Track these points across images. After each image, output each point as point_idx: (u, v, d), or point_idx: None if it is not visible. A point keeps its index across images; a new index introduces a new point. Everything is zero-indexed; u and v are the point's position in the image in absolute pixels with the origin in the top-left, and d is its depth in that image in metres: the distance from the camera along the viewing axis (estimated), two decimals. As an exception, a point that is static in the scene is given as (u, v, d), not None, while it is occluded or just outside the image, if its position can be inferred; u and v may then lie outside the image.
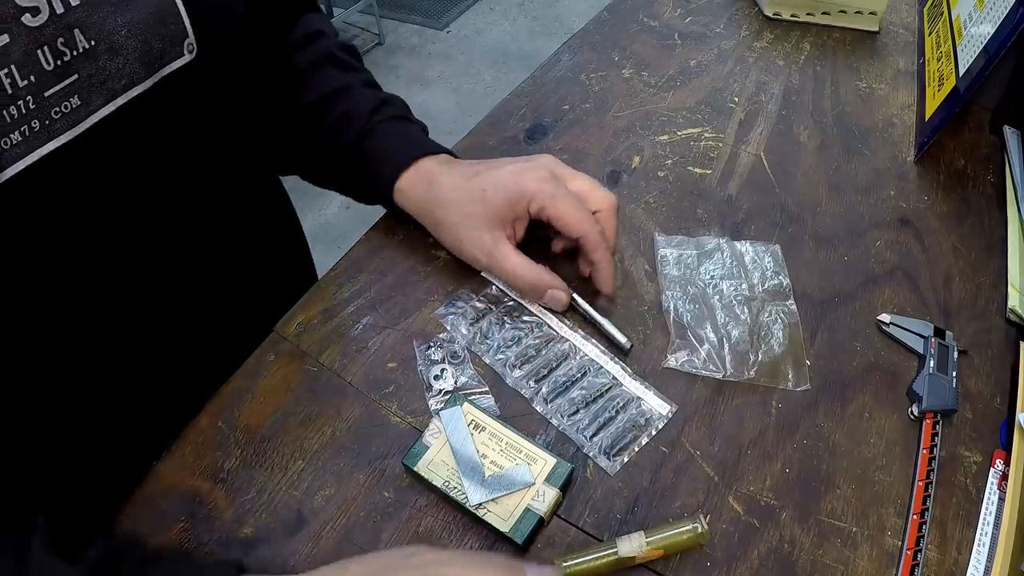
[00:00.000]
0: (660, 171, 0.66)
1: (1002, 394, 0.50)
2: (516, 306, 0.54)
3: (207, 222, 0.53)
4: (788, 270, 0.57)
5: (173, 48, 0.42)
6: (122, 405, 0.54)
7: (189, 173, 0.49)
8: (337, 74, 0.59)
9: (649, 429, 0.48)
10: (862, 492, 0.45)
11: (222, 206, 0.55)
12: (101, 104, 0.39)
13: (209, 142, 0.50)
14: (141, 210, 0.46)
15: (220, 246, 0.56)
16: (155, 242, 0.49)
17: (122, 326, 0.50)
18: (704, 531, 0.41)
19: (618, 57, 0.80)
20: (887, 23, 0.86)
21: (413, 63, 3.04)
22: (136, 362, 0.53)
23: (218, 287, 0.56)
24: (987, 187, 0.66)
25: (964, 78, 0.64)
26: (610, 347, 0.52)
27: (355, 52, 0.64)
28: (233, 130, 0.53)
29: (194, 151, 0.49)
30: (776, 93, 0.76)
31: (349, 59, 0.61)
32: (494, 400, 0.49)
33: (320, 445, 0.47)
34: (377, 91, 0.59)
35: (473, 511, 0.42)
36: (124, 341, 0.51)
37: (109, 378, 0.52)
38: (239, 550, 0.42)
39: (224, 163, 0.53)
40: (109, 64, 0.39)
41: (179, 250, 0.51)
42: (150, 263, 0.49)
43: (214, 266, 0.56)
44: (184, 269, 0.52)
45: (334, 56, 0.60)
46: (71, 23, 0.37)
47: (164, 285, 0.51)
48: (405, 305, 0.54)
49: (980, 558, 0.42)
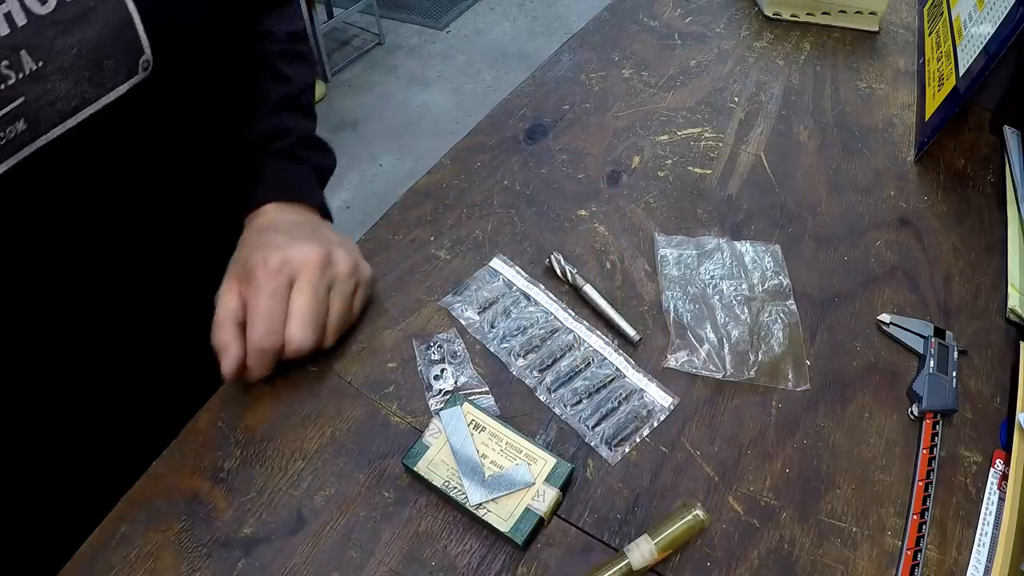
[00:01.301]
0: (660, 171, 0.66)
1: (1002, 394, 0.50)
2: (522, 296, 0.54)
3: (173, 230, 0.53)
4: (788, 270, 0.57)
5: (128, 66, 0.41)
6: (122, 406, 0.54)
7: (148, 187, 0.48)
8: (264, 83, 0.57)
9: (651, 421, 0.48)
10: (862, 492, 0.45)
11: (187, 213, 0.54)
12: (49, 127, 0.38)
13: (167, 156, 0.49)
14: (107, 220, 0.46)
15: (186, 253, 0.55)
16: (121, 252, 0.48)
17: (111, 329, 0.50)
18: (704, 517, 0.41)
19: (618, 57, 0.80)
20: (887, 23, 0.86)
21: (413, 63, 3.04)
22: (136, 363, 0.53)
23: (196, 292, 0.56)
24: (987, 187, 0.66)
25: (964, 78, 0.64)
26: (617, 339, 0.52)
27: (301, 57, 0.62)
28: (191, 144, 0.52)
29: (153, 165, 0.48)
30: (776, 93, 0.75)
31: (285, 67, 0.59)
32: (494, 400, 0.49)
33: (320, 445, 0.47)
34: (285, 114, 0.57)
35: (473, 511, 0.42)
36: (119, 344, 0.51)
37: (109, 379, 0.52)
38: (239, 550, 0.42)
39: (184, 174, 0.52)
40: (59, 85, 0.37)
41: (146, 259, 0.51)
42: (121, 273, 0.49)
43: (186, 273, 0.55)
44: (156, 278, 0.52)
45: (269, 61, 0.58)
46: (17, 44, 0.35)
47: (137, 292, 0.51)
48: (405, 305, 0.54)
49: (980, 558, 0.42)
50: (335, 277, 0.48)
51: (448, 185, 0.64)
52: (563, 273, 0.55)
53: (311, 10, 2.64)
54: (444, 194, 0.63)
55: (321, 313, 0.47)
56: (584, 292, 0.54)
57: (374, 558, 0.42)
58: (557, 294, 0.55)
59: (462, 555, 0.42)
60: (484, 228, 0.60)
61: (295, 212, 0.53)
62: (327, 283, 0.47)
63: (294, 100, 0.58)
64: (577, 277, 0.55)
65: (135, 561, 0.41)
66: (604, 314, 0.53)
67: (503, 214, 0.61)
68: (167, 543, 0.42)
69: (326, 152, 0.60)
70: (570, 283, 0.55)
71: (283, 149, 0.56)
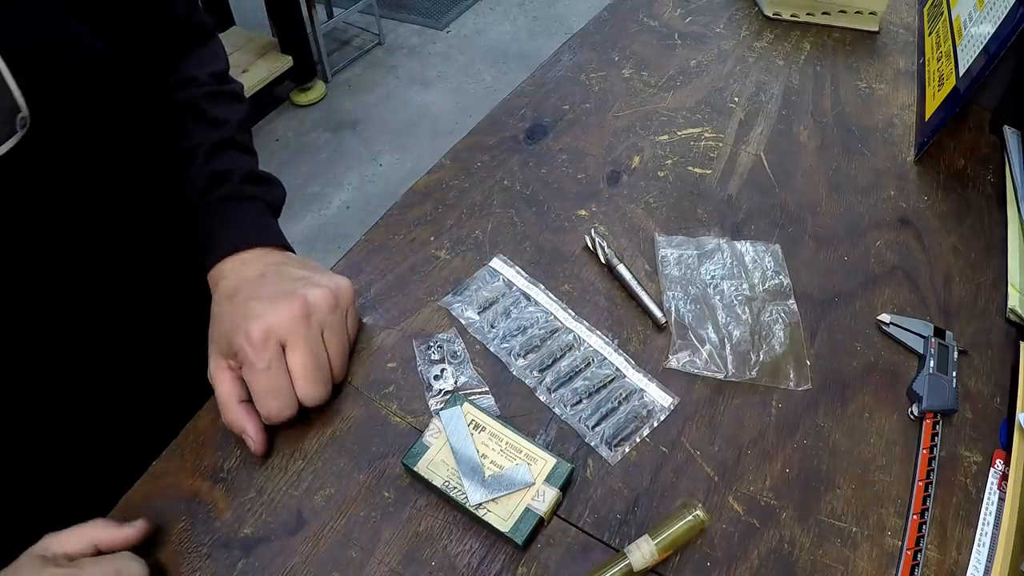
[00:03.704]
0: (660, 171, 0.66)
1: (1002, 394, 0.50)
2: (522, 296, 0.54)
3: (123, 251, 0.52)
4: (788, 270, 0.57)
5: (3, 126, 0.39)
6: (122, 406, 0.54)
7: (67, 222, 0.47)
8: (194, 133, 0.55)
9: (651, 421, 0.48)
10: (862, 492, 0.45)
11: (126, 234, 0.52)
12: None
13: (68, 204, 0.47)
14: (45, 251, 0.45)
15: (158, 262, 0.54)
16: (90, 266, 0.48)
17: (110, 332, 0.50)
18: (705, 518, 0.41)
19: (618, 57, 0.80)
20: (887, 23, 0.86)
21: (413, 63, 3.04)
22: (136, 364, 0.53)
23: (195, 296, 0.56)
24: (987, 187, 0.66)
25: (964, 78, 0.64)
26: (618, 338, 0.52)
27: (230, 96, 0.60)
28: (92, 191, 0.49)
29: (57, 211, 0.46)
30: (776, 93, 0.75)
31: (214, 111, 0.57)
32: (494, 400, 0.49)
33: (320, 445, 0.47)
34: (222, 158, 0.55)
35: (473, 511, 0.42)
36: (119, 346, 0.51)
37: (109, 381, 0.52)
38: (239, 550, 0.42)
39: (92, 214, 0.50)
40: None
41: (121, 271, 0.50)
42: (104, 280, 0.49)
43: (175, 280, 0.55)
44: (142, 285, 0.52)
45: (197, 107, 0.56)
46: None
47: (131, 298, 0.51)
48: (405, 305, 0.54)
49: (980, 558, 0.42)
50: (321, 320, 0.46)
51: (448, 185, 0.64)
52: (594, 247, 0.57)
53: (311, 10, 2.64)
54: (444, 194, 0.63)
55: (323, 361, 0.46)
56: (618, 272, 0.55)
57: (374, 558, 0.42)
58: (557, 294, 0.55)
59: (462, 555, 0.42)
60: (484, 228, 0.60)
61: (256, 261, 0.51)
62: (317, 330, 0.46)
63: (229, 143, 0.56)
64: (612, 256, 0.56)
65: (135, 561, 0.41)
66: (635, 295, 0.54)
67: (503, 214, 0.61)
68: (167, 543, 0.42)
69: (273, 184, 0.58)
70: (603, 262, 0.56)
71: (228, 194, 0.54)
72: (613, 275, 0.56)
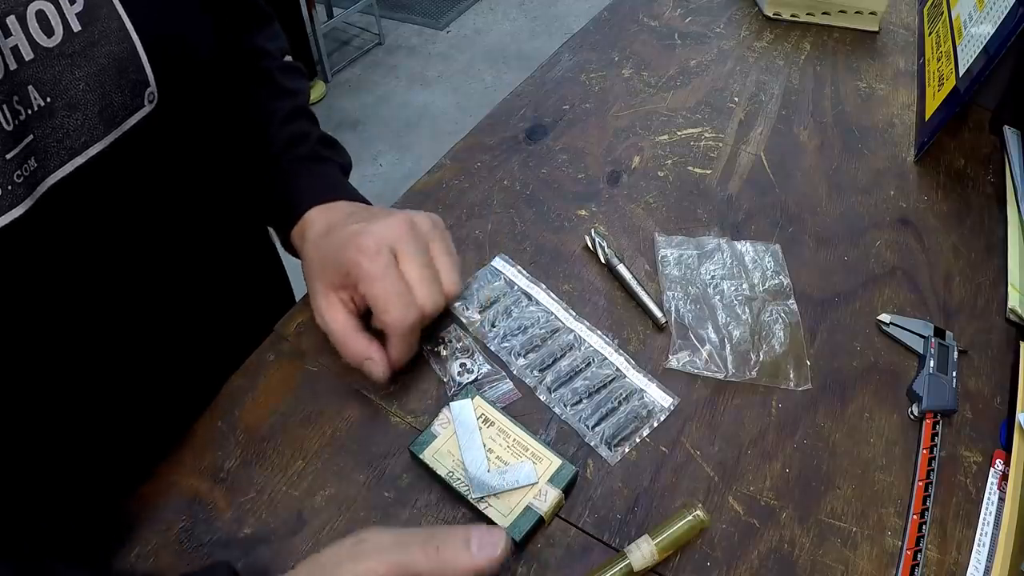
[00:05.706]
0: (660, 171, 0.66)
1: (1002, 394, 0.50)
2: (523, 296, 0.54)
3: (183, 255, 0.52)
4: (788, 270, 0.57)
5: (134, 100, 0.40)
6: (123, 407, 0.54)
7: (159, 218, 0.48)
8: (271, 100, 0.58)
9: (651, 421, 0.48)
10: (862, 492, 0.45)
11: (197, 239, 0.54)
12: (59, 164, 0.37)
13: (176, 187, 0.49)
14: (118, 251, 0.45)
15: (197, 266, 0.55)
16: (135, 276, 0.48)
17: (114, 338, 0.50)
18: (705, 518, 0.41)
19: (618, 57, 0.80)
20: (887, 23, 0.86)
21: (413, 63, 3.04)
22: (135, 366, 0.53)
23: (201, 305, 0.56)
24: (987, 187, 0.66)
25: (964, 78, 0.64)
26: (618, 338, 0.52)
27: (298, 71, 0.63)
28: (201, 171, 0.52)
29: (162, 197, 0.47)
30: (776, 93, 0.76)
31: (287, 82, 0.60)
32: (512, 384, 0.49)
33: (320, 445, 0.47)
34: (299, 123, 0.58)
35: (474, 504, 0.42)
36: (118, 349, 0.51)
37: (109, 381, 0.52)
38: (239, 550, 0.42)
39: (193, 203, 0.52)
40: (67, 121, 0.37)
41: (158, 275, 0.51)
42: (132, 289, 0.49)
43: (193, 291, 0.55)
44: (165, 291, 0.52)
45: (272, 78, 0.58)
46: (25, 79, 0.34)
47: (149, 306, 0.51)
48: (405, 305, 0.54)
49: (980, 558, 0.42)
50: (426, 235, 0.48)
51: (448, 185, 0.64)
52: (594, 247, 0.57)
53: (311, 10, 2.64)
54: (444, 194, 0.63)
55: (435, 271, 0.47)
56: (618, 272, 0.55)
57: (374, 558, 0.42)
58: (558, 294, 0.55)
59: (462, 555, 0.42)
60: (484, 228, 0.60)
61: (341, 208, 0.53)
62: (424, 243, 0.48)
63: (303, 111, 0.59)
64: (612, 255, 0.56)
65: (135, 561, 0.41)
66: (635, 295, 0.54)
67: (503, 214, 0.61)
68: (167, 543, 0.42)
69: (342, 150, 0.61)
70: (603, 262, 0.56)
71: (307, 154, 0.56)
72: (613, 275, 0.56)
